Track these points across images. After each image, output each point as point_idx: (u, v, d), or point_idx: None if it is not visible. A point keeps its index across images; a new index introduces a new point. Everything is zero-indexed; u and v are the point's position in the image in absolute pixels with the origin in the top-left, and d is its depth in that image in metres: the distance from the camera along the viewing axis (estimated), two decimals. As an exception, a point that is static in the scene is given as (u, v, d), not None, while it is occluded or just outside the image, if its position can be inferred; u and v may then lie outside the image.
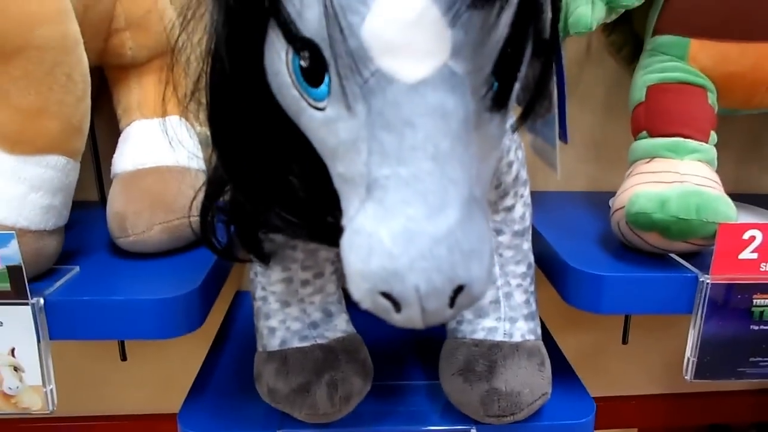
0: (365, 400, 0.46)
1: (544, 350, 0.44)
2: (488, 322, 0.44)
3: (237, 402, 0.47)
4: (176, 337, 0.42)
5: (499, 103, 0.24)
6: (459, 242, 0.23)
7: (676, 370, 0.81)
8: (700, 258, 0.44)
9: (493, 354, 0.42)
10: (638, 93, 0.50)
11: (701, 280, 0.42)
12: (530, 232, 0.46)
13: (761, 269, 0.42)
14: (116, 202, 0.47)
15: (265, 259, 0.40)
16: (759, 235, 0.41)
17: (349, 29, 0.22)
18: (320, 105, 0.25)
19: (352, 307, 0.44)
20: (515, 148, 0.41)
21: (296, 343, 0.42)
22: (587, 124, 0.65)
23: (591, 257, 0.46)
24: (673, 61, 0.49)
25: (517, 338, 0.43)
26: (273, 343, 0.43)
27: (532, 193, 0.64)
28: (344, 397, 0.41)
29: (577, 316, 0.73)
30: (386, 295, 0.24)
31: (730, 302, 0.43)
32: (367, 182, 0.24)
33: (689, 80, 0.48)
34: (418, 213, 0.22)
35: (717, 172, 0.46)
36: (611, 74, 0.63)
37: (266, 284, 0.43)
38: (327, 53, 0.23)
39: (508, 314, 0.44)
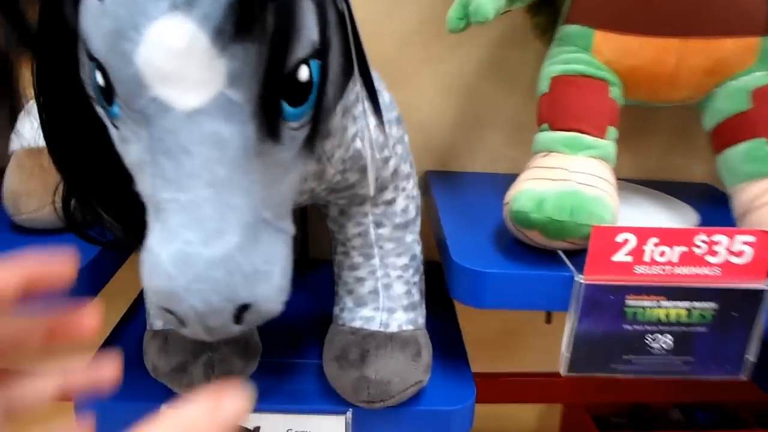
0: (252, 377, 0.48)
1: (423, 339, 0.45)
2: (366, 312, 0.45)
3: (135, 374, 0.48)
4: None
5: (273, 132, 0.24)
6: (240, 265, 0.24)
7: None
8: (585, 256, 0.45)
9: (366, 343, 0.43)
10: (543, 84, 0.50)
11: (576, 279, 0.43)
12: (417, 223, 0.46)
13: (634, 271, 0.42)
14: (11, 181, 0.47)
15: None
16: (632, 239, 0.41)
17: (125, 56, 0.22)
18: (116, 123, 0.25)
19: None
20: (393, 143, 0.41)
21: (178, 325, 0.43)
22: (511, 106, 0.64)
23: (478, 251, 0.46)
24: (578, 53, 0.48)
25: (393, 328, 0.44)
26: (158, 323, 0.44)
27: (454, 173, 0.64)
28: (222, 376, 0.43)
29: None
30: (171, 312, 0.25)
31: (604, 302, 0.43)
32: (153, 203, 0.24)
33: (591, 73, 0.47)
34: (195, 237, 0.23)
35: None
36: (536, 56, 0.61)
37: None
38: (111, 76, 0.23)
39: (386, 305, 0.45)
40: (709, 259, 0.42)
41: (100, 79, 0.24)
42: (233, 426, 0.22)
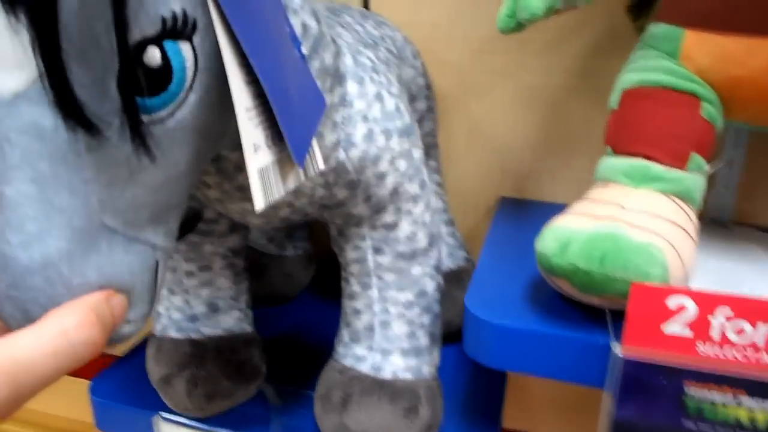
0: (252, 403, 0.45)
1: (425, 393, 0.38)
2: (359, 350, 0.39)
3: (145, 381, 0.48)
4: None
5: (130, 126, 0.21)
6: (63, 275, 0.20)
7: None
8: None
9: (351, 386, 0.38)
10: (614, 97, 0.40)
11: (613, 350, 0.33)
12: (431, 255, 0.39)
13: (698, 351, 0.31)
14: None
15: None
16: (691, 306, 0.31)
17: None
18: None
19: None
20: (391, 158, 0.36)
21: (172, 333, 0.42)
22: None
23: (503, 296, 0.38)
24: (661, 59, 0.38)
25: (385, 374, 0.38)
26: (156, 328, 0.43)
27: (530, 202, 0.55)
28: (206, 395, 0.41)
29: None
30: None
31: (654, 387, 0.33)
32: None
33: (675, 85, 0.37)
34: (15, 239, 0.20)
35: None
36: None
37: (157, 271, 0.43)
38: None
39: (381, 345, 0.39)
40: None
41: None
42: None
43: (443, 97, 0.57)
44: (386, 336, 0.39)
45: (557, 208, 0.55)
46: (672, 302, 0.31)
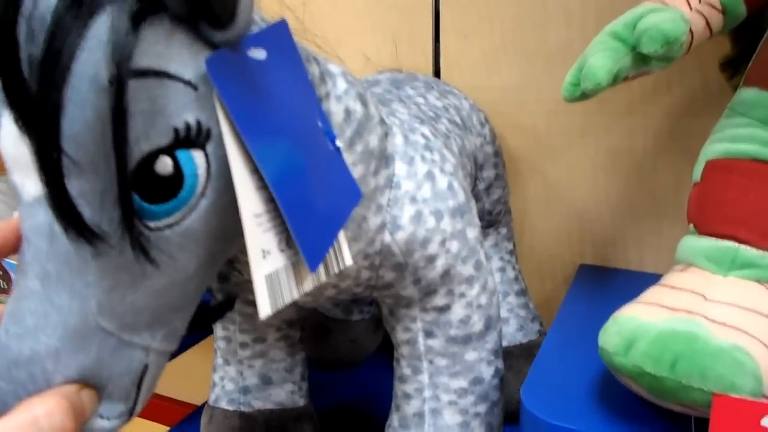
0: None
1: None
2: None
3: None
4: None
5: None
6: (47, 371, 0.21)
7: None
8: None
9: None
10: (697, 169, 0.36)
11: (693, 467, 0.28)
12: (489, 340, 0.37)
13: (799, 479, 0.26)
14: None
15: None
16: (788, 425, 0.25)
17: None
18: None
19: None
20: (441, 239, 0.34)
21: (224, 405, 0.42)
22: (695, 192, 0.48)
23: (567, 390, 0.34)
24: (751, 127, 0.33)
25: (437, 467, 0.35)
26: (211, 397, 0.44)
27: (614, 270, 0.51)
28: None
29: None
30: None
31: None
32: None
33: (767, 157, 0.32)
34: (14, 329, 0.21)
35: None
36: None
37: (215, 339, 0.44)
38: None
39: None
40: None
41: None
42: None
43: (517, 160, 0.54)
44: (437, 425, 0.36)
45: (644, 278, 0.50)
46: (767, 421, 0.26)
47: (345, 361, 0.57)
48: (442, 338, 0.36)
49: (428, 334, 0.36)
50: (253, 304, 0.41)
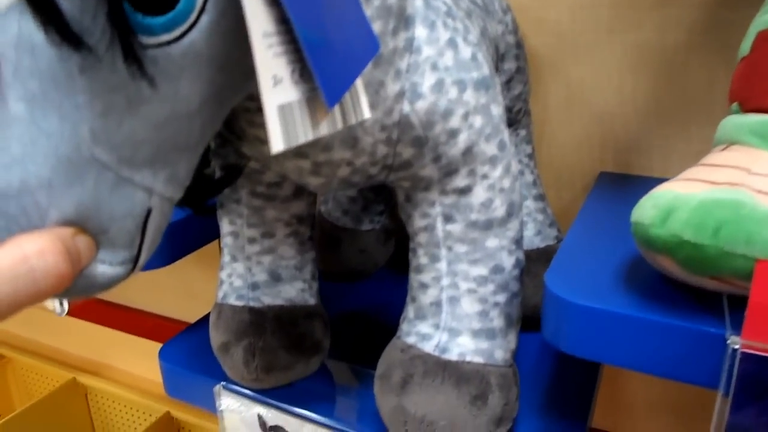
0: (315, 379, 0.43)
1: (497, 381, 0.34)
2: (424, 327, 0.35)
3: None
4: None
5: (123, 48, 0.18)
6: (39, 205, 0.19)
7: None
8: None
9: (412, 366, 0.34)
10: (745, 43, 0.33)
11: (729, 342, 0.26)
12: (511, 227, 0.35)
13: None
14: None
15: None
16: (840, 292, 0.24)
17: None
18: None
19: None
20: (464, 112, 0.31)
21: (232, 301, 0.41)
22: (730, 89, 0.45)
23: (591, 276, 0.32)
24: (808, -10, 0.30)
25: (451, 355, 0.34)
26: (219, 294, 0.42)
27: (637, 177, 0.49)
28: (263, 367, 0.39)
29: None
30: None
31: (782, 390, 0.26)
32: None
33: (826, 21, 0.29)
34: (1, 159, 0.19)
35: None
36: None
37: (222, 235, 0.42)
38: None
39: (449, 324, 0.34)
40: None
41: None
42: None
43: (538, 59, 0.51)
44: (455, 314, 0.34)
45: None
46: (812, 287, 0.24)
47: (354, 273, 0.56)
48: (462, 223, 0.34)
49: (447, 218, 0.34)
50: (260, 196, 0.39)
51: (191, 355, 0.47)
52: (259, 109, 0.29)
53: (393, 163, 0.33)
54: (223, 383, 0.42)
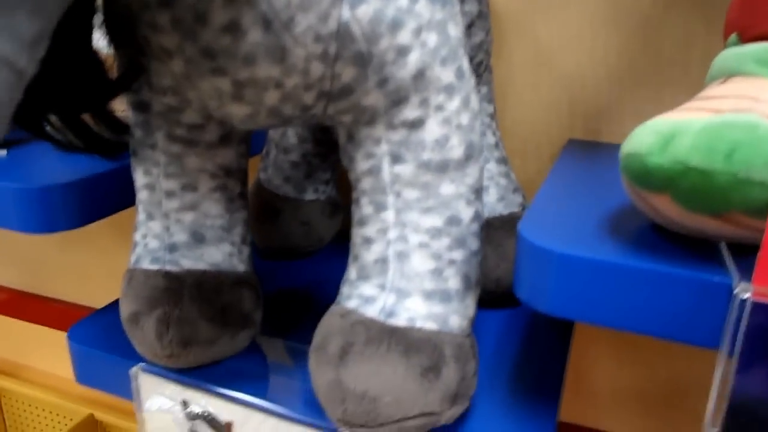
0: (244, 358, 0.36)
1: (452, 352, 0.28)
2: (367, 289, 0.30)
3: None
4: (42, 233, 0.37)
5: None
6: None
7: None
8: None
9: (353, 334, 0.28)
10: (740, -34, 0.29)
11: (737, 291, 0.22)
12: (470, 173, 0.30)
13: None
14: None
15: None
16: None
17: None
18: None
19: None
20: (417, 26, 0.26)
21: (146, 264, 0.34)
22: (712, 48, 0.42)
23: (567, 229, 0.28)
24: None
25: (400, 320, 0.28)
26: (131, 259, 0.36)
27: (606, 145, 0.45)
28: (178, 341, 0.33)
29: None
30: None
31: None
32: None
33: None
34: None
35: None
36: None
37: (136, 190, 0.36)
38: None
39: (396, 283, 0.29)
40: None
41: None
42: None
43: (503, 14, 0.47)
44: (403, 272, 0.29)
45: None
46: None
47: (296, 249, 0.50)
48: (413, 163, 0.28)
49: (396, 158, 0.29)
50: (180, 140, 0.33)
51: (105, 337, 0.40)
52: (160, 3, 0.24)
53: (331, 89, 0.27)
54: (141, 364, 0.36)
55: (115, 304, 0.44)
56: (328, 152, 0.49)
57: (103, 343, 0.39)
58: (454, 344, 0.29)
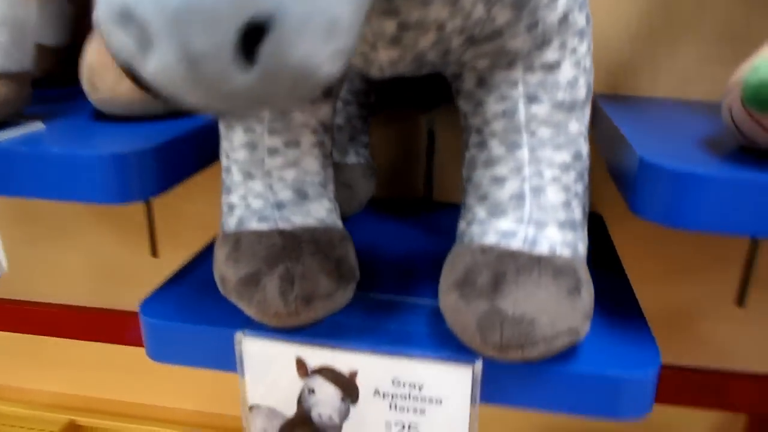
0: (347, 312, 0.37)
1: (584, 275, 0.31)
2: (504, 223, 0.32)
3: (209, 297, 0.39)
4: (125, 202, 0.35)
5: None
6: None
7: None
8: None
9: (502, 264, 0.30)
10: None
11: None
12: (587, 110, 0.32)
13: None
14: (88, 53, 0.40)
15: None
16: None
17: None
18: None
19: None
20: None
21: (254, 225, 0.34)
22: (722, 9, 0.48)
23: (679, 156, 0.31)
24: None
25: (542, 249, 0.31)
26: (230, 223, 0.35)
27: (628, 98, 0.49)
28: (302, 297, 0.32)
29: (675, 263, 0.57)
30: (129, 20, 0.14)
31: None
32: None
33: None
34: None
35: None
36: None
37: (229, 150, 0.35)
38: None
39: (534, 216, 0.31)
40: None
41: None
42: None
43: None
44: (540, 205, 0.31)
45: (660, 103, 0.49)
46: None
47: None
48: (548, 103, 0.31)
49: (532, 99, 0.31)
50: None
51: (183, 308, 0.38)
52: None
53: (480, 32, 0.29)
54: (245, 330, 0.35)
55: (183, 274, 0.43)
56: (369, 115, 0.49)
57: (181, 315, 0.38)
58: (584, 268, 0.32)
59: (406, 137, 0.58)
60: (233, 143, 0.34)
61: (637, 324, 0.36)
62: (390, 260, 0.45)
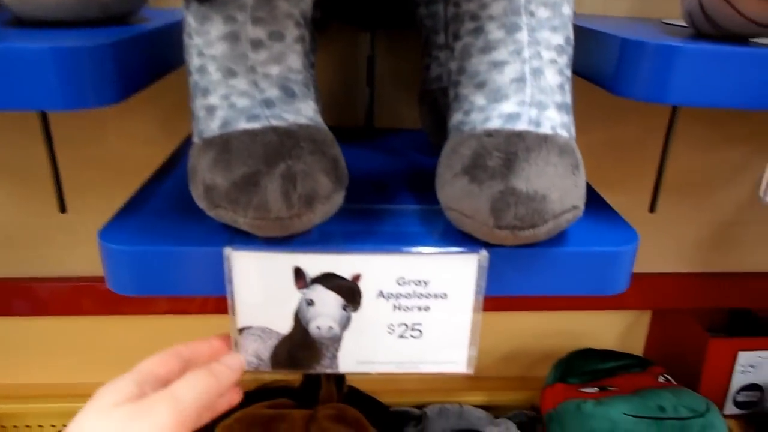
0: (338, 221, 0.35)
1: (579, 155, 0.33)
2: (507, 107, 0.32)
3: (178, 218, 0.36)
4: (85, 107, 0.30)
5: None
6: None
7: (706, 246, 0.71)
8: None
9: (512, 145, 0.31)
10: None
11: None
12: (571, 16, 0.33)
13: None
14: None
15: None
16: None
17: None
18: None
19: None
20: None
21: (243, 124, 0.31)
22: None
23: (658, 38, 0.34)
24: None
25: (546, 129, 0.32)
26: (212, 126, 0.31)
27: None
28: (305, 195, 0.30)
29: (596, 176, 0.62)
30: None
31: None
32: None
33: None
34: None
35: None
36: None
37: (203, 46, 0.31)
38: None
39: (536, 98, 0.32)
40: None
41: None
42: None
43: None
44: (540, 87, 0.32)
45: (595, 18, 0.52)
46: None
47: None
48: None
49: None
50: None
51: (150, 230, 0.34)
52: None
53: None
54: (233, 245, 0.32)
55: (139, 201, 0.38)
56: (314, 30, 0.47)
57: (151, 238, 0.34)
58: (578, 149, 0.33)
59: (345, 65, 0.57)
60: (210, 36, 0.31)
61: (608, 210, 0.39)
62: (355, 178, 0.44)
